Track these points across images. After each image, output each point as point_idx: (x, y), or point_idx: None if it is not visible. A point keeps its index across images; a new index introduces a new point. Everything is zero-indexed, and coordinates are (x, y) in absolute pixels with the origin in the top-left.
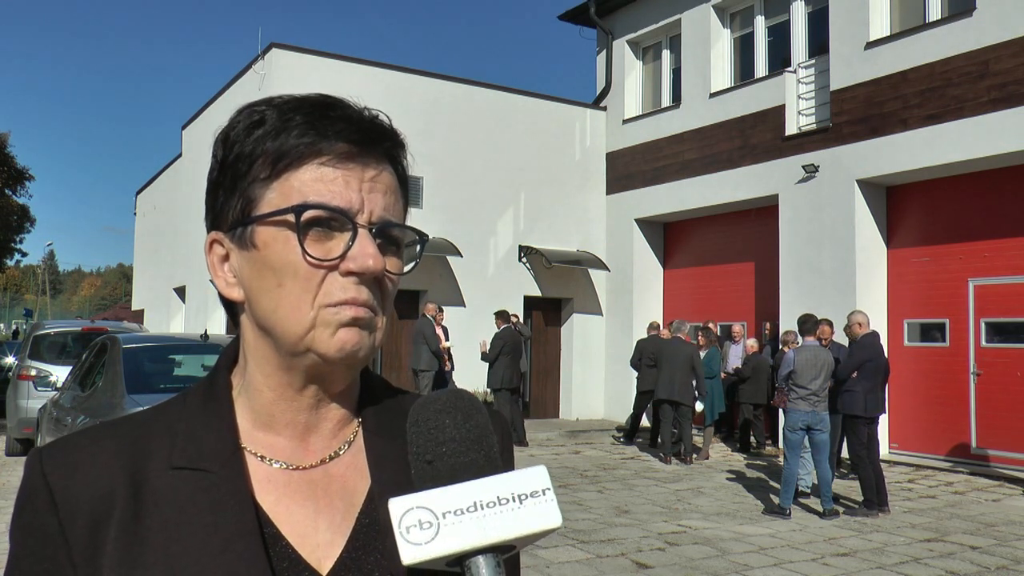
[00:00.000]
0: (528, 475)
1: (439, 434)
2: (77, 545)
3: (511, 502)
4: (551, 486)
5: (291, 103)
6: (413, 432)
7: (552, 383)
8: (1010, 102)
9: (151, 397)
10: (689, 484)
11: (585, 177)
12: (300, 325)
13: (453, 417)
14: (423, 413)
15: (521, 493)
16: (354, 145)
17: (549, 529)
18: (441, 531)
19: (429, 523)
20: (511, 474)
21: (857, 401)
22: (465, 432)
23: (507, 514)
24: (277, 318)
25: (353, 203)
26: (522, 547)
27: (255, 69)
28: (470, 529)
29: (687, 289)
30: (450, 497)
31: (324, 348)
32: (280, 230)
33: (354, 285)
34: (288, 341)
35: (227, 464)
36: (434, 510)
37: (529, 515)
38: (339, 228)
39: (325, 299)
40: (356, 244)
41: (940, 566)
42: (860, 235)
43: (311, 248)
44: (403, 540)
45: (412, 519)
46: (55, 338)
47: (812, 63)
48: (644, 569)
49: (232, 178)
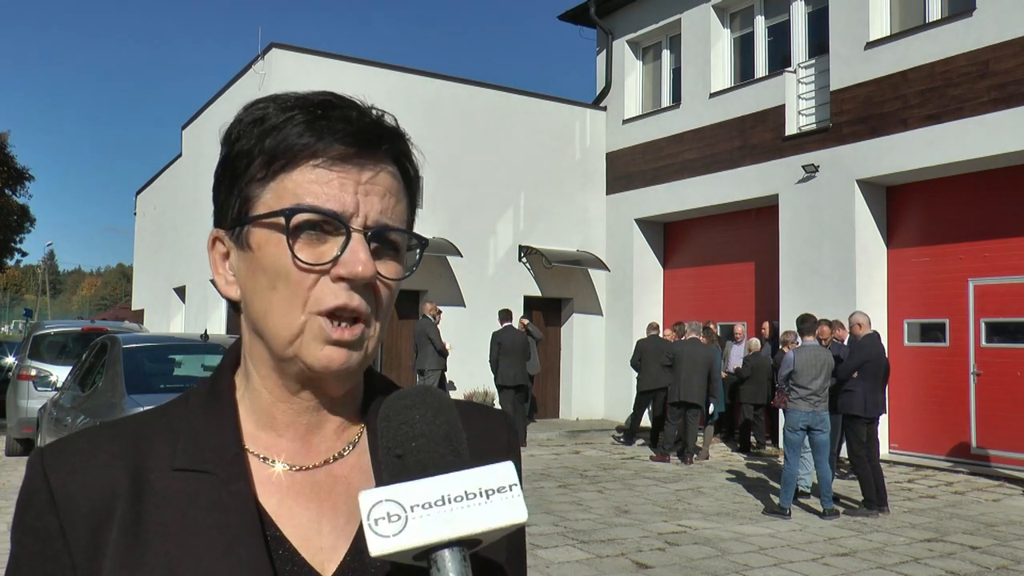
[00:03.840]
0: (495, 471)
1: (408, 429)
2: (78, 546)
3: (478, 497)
4: (518, 482)
5: (293, 102)
6: (383, 426)
7: (552, 383)
8: (1010, 102)
9: (151, 397)
10: (689, 484)
11: (585, 177)
12: (288, 330)
13: (423, 413)
14: (392, 409)
15: (488, 488)
16: (350, 147)
17: (515, 524)
18: (409, 524)
19: (397, 516)
20: (478, 469)
21: (857, 401)
22: (435, 428)
23: (474, 508)
24: (268, 322)
25: (347, 206)
26: (488, 542)
27: (255, 69)
28: (437, 523)
29: (687, 289)
30: (418, 491)
31: (310, 360)
32: (273, 232)
33: (345, 291)
34: (277, 345)
35: (230, 465)
36: (402, 503)
37: (496, 510)
38: (333, 232)
39: (315, 306)
40: (348, 249)
41: (940, 566)
42: (860, 235)
43: (302, 252)
44: (371, 532)
45: (381, 511)
46: (55, 338)
47: (812, 63)
48: (644, 569)
49: (232, 176)
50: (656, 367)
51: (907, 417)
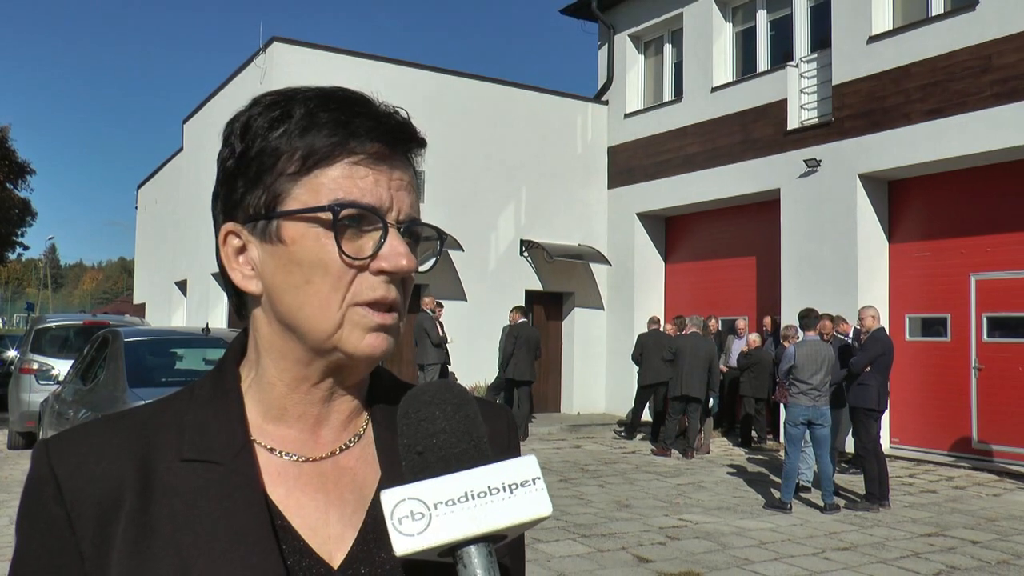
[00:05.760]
0: (518, 464)
1: (429, 425)
2: (85, 536)
3: (502, 492)
4: (541, 475)
5: (316, 98)
6: (403, 424)
7: (553, 377)
8: (1012, 96)
9: (153, 391)
10: (690, 478)
11: (587, 171)
12: (328, 322)
13: (443, 408)
14: (413, 405)
15: (512, 483)
16: (385, 145)
17: (540, 518)
18: (433, 522)
19: (421, 514)
20: (501, 464)
21: (871, 395)
22: (455, 423)
23: (498, 504)
24: (304, 315)
25: (384, 201)
26: (512, 536)
27: (256, 63)
28: (462, 519)
29: (688, 283)
30: (441, 488)
31: (352, 349)
32: (311, 227)
33: (383, 284)
34: (315, 339)
35: (237, 456)
36: (426, 501)
37: (520, 504)
38: (368, 227)
39: (355, 298)
40: (387, 243)
41: (941, 561)
42: (862, 229)
43: (344, 246)
44: (395, 531)
45: (404, 510)
46: (57, 332)
47: (814, 57)
48: (645, 563)
49: (257, 171)
50: (657, 361)
51: (908, 412)
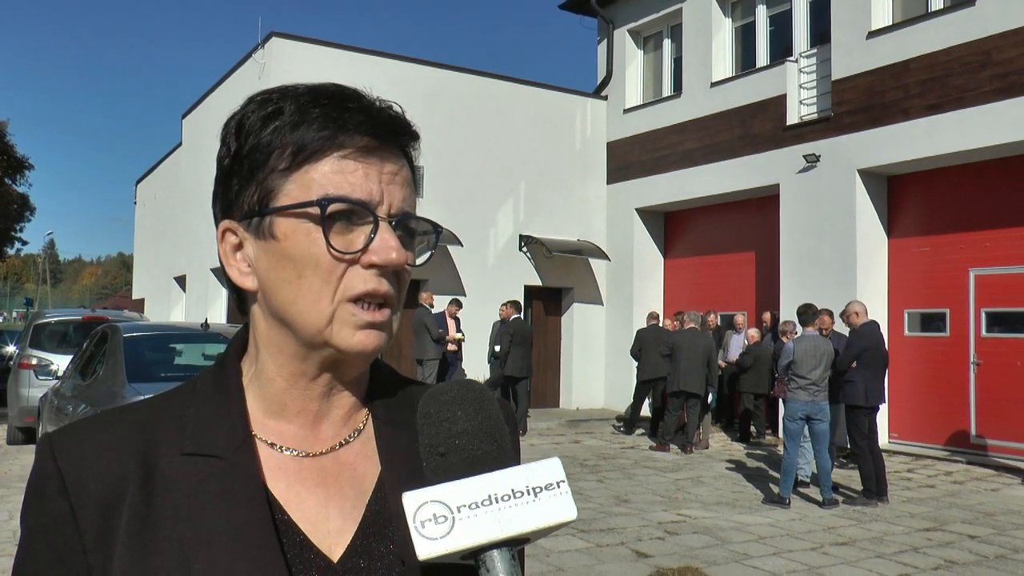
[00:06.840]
0: (543, 467)
1: (451, 426)
2: (89, 530)
3: (526, 495)
4: (565, 478)
5: (308, 94)
6: (424, 424)
7: (552, 372)
8: (1012, 92)
9: (152, 386)
10: (689, 473)
11: (586, 166)
12: (320, 317)
13: (465, 409)
14: (433, 405)
15: (536, 486)
16: (374, 139)
17: (565, 522)
18: (456, 525)
19: (444, 517)
20: (525, 467)
21: (858, 391)
22: (478, 424)
23: (523, 507)
24: (296, 310)
25: (374, 195)
26: (535, 540)
27: (255, 58)
28: (486, 523)
29: (687, 279)
30: (465, 491)
31: (343, 344)
32: (301, 222)
33: (375, 277)
34: (307, 333)
35: (239, 450)
36: (449, 504)
37: (545, 508)
38: (359, 220)
39: (346, 292)
40: (378, 237)
41: (939, 555)
42: (861, 225)
43: (333, 241)
44: (418, 535)
45: (427, 513)
46: (56, 327)
47: (813, 52)
48: (644, 558)
49: (249, 168)
50: (656, 357)
51: (907, 407)
